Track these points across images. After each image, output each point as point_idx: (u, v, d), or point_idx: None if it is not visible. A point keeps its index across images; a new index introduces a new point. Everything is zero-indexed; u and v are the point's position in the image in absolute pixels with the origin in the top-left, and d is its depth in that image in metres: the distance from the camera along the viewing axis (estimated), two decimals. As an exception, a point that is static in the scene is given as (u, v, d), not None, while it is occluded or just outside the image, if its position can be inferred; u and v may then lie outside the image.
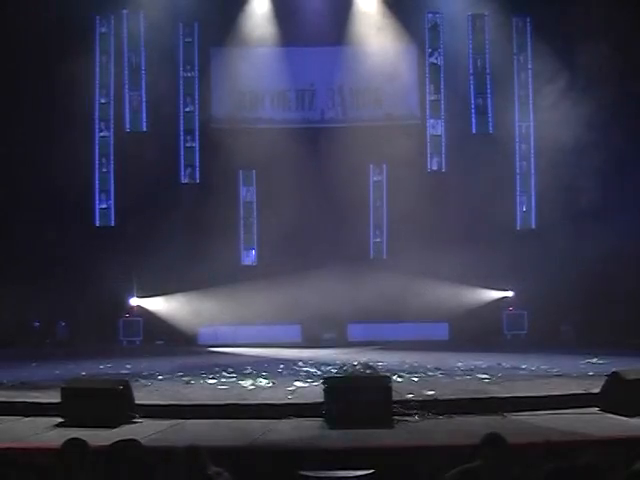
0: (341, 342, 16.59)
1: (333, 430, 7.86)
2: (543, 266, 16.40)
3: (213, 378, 11.09)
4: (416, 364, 12.41)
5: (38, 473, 3.60)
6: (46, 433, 7.88)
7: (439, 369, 11.82)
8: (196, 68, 18.34)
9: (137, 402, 8.67)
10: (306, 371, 11.88)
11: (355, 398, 8.20)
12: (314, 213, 17.32)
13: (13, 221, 16.78)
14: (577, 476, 3.81)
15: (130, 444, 4.16)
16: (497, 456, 4.44)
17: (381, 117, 18.38)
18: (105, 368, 12.58)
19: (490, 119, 18.14)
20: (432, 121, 18.38)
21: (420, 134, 18.19)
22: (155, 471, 4.09)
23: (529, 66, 18.04)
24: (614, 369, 8.98)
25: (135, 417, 8.42)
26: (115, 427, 7.91)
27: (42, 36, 16.27)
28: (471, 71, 18.26)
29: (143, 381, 10.76)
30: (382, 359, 12.83)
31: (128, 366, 12.68)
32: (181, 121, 18.31)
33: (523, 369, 11.78)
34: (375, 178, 18.45)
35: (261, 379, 10.86)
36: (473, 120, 18.22)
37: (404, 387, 9.68)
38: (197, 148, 18.28)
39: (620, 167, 16.21)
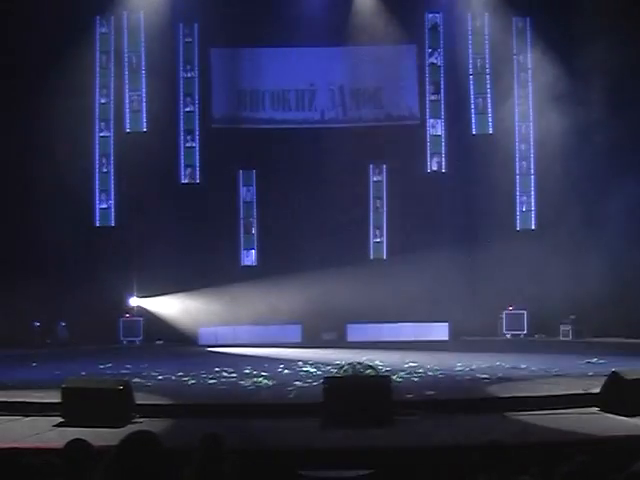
0: (341, 342, 16.58)
1: (333, 430, 7.86)
2: (543, 266, 16.40)
3: (213, 378, 11.09)
4: (416, 364, 12.41)
5: (38, 473, 3.59)
6: (46, 433, 7.88)
7: (439, 369, 11.82)
8: (196, 68, 18.32)
9: (137, 402, 8.68)
10: (306, 371, 11.87)
11: (355, 398, 8.21)
12: (314, 213, 17.35)
13: (13, 221, 16.76)
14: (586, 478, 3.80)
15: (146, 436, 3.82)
16: (499, 470, 4.40)
17: (381, 117, 18.38)
18: (105, 368, 12.58)
19: (490, 119, 18.12)
20: (432, 121, 18.36)
21: (420, 134, 18.19)
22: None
23: (529, 66, 18.01)
24: (614, 369, 8.99)
25: (135, 417, 8.42)
26: (115, 427, 7.91)
27: (42, 36, 16.25)
28: (471, 71, 18.24)
29: (143, 381, 10.76)
30: (382, 359, 12.81)
31: (128, 366, 12.67)
32: (181, 121, 18.29)
33: (523, 369, 11.78)
34: (375, 178, 18.43)
35: (261, 379, 10.86)
36: (473, 120, 18.20)
37: (404, 387, 9.68)
38: (197, 148, 18.26)
39: (620, 167, 16.18)
